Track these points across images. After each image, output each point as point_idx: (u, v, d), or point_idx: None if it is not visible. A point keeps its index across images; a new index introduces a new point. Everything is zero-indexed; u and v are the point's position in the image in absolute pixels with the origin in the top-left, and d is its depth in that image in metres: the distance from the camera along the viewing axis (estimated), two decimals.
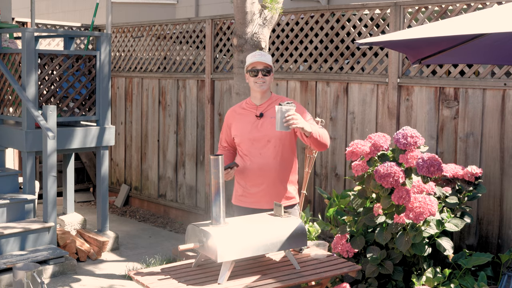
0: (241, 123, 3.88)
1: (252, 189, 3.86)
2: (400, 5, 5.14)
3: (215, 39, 6.78)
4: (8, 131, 6.06)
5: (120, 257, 6.07)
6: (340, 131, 5.63)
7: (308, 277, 3.29)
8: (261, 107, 3.86)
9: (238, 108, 3.97)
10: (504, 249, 4.63)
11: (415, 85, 5.11)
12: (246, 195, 3.90)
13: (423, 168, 3.81)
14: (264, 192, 3.83)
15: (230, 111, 4.00)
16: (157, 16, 10.97)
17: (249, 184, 3.87)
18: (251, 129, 3.83)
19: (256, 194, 3.85)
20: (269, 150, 3.80)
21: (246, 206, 3.90)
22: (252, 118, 3.86)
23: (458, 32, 3.04)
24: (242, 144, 3.87)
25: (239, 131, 3.88)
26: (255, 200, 3.86)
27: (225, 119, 4.01)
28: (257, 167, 3.82)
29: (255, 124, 3.83)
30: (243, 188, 3.91)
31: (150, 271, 3.30)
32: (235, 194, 4.00)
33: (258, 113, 3.84)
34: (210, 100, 6.83)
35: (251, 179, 3.85)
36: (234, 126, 3.92)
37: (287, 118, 3.44)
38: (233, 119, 3.94)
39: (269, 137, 3.79)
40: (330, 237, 5.51)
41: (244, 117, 3.88)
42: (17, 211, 5.68)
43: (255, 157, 3.82)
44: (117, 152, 8.32)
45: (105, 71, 6.33)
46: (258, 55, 3.83)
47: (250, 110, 3.89)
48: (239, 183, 3.95)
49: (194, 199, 7.19)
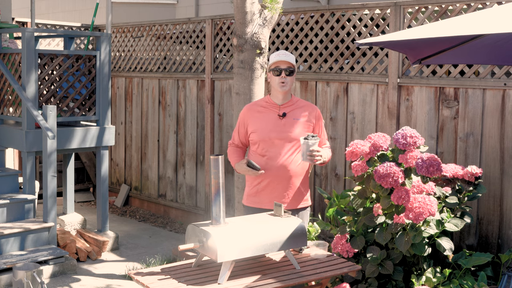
0: (262, 121, 3.84)
1: (267, 190, 3.83)
2: (400, 5, 5.14)
3: (215, 39, 6.78)
4: (8, 131, 6.06)
5: (120, 257, 6.07)
6: (340, 131, 5.63)
7: (308, 277, 3.29)
8: (283, 107, 3.85)
9: (255, 106, 3.92)
10: (504, 249, 4.64)
11: (415, 85, 5.11)
12: (260, 195, 3.86)
13: (422, 168, 3.81)
14: (279, 193, 3.82)
15: (247, 109, 3.94)
16: (157, 16, 10.97)
17: (264, 184, 3.83)
18: (273, 128, 3.80)
19: (271, 194, 3.82)
20: (289, 151, 3.79)
21: (259, 207, 3.85)
22: (273, 116, 3.83)
23: (458, 33, 3.04)
24: (262, 142, 3.81)
25: (259, 129, 3.83)
26: (269, 200, 3.82)
27: (241, 116, 3.94)
28: (276, 167, 3.79)
29: (277, 123, 3.81)
30: (257, 188, 3.86)
31: (150, 271, 3.30)
32: (247, 195, 3.94)
33: (281, 112, 3.82)
34: (210, 100, 6.83)
35: (268, 179, 3.81)
36: (252, 123, 3.86)
37: (312, 153, 3.64)
38: (251, 117, 3.88)
39: (290, 138, 3.79)
40: (330, 237, 5.51)
41: (265, 115, 3.84)
42: (17, 211, 5.68)
43: (274, 157, 3.79)
44: (117, 152, 8.32)
45: (105, 71, 6.34)
46: (283, 54, 3.81)
47: (271, 108, 3.86)
48: (252, 183, 3.89)
49: (194, 199, 7.19)
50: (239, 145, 3.98)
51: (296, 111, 3.85)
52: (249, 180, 3.94)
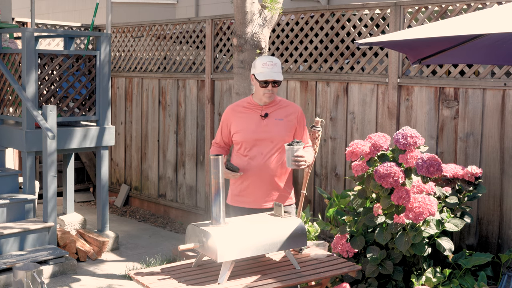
0: (244, 121, 3.85)
1: (250, 189, 3.84)
2: (400, 5, 5.14)
3: (215, 39, 6.78)
4: (8, 131, 6.06)
5: (120, 257, 6.07)
6: (340, 131, 5.63)
7: (308, 277, 3.29)
8: (265, 108, 3.85)
9: (238, 107, 3.93)
10: (504, 249, 4.64)
11: (415, 85, 5.11)
12: (243, 195, 3.87)
13: (422, 168, 3.81)
14: (262, 192, 3.82)
15: (230, 110, 3.95)
16: (157, 16, 10.97)
17: (247, 184, 3.85)
18: (256, 128, 3.82)
19: (254, 194, 3.83)
20: (271, 151, 3.80)
21: (243, 206, 3.86)
22: (256, 117, 3.84)
23: (458, 32, 3.04)
24: (245, 143, 3.84)
25: (242, 130, 3.84)
26: (253, 199, 3.84)
27: (224, 116, 3.96)
28: (258, 167, 3.81)
29: (260, 124, 3.82)
30: (240, 188, 3.88)
31: (150, 271, 3.30)
32: (231, 194, 3.95)
33: (263, 113, 3.83)
34: (210, 100, 6.83)
35: (251, 179, 3.83)
36: (235, 124, 3.88)
37: (296, 159, 3.65)
38: (234, 117, 3.90)
39: (272, 138, 3.80)
40: (330, 237, 5.51)
41: (247, 116, 3.86)
42: (17, 211, 5.68)
43: (256, 157, 3.81)
44: (117, 152, 8.32)
45: (105, 71, 6.34)
46: (270, 65, 3.76)
47: (253, 109, 3.86)
48: (235, 183, 3.91)
49: (194, 199, 7.19)
50: (221, 145, 4.00)
51: (278, 111, 3.85)
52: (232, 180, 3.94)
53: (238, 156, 3.88)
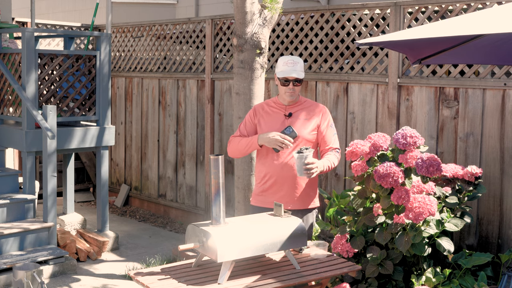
0: (270, 121, 3.92)
1: (273, 189, 3.89)
2: (400, 5, 5.14)
3: (215, 39, 6.78)
4: (8, 131, 6.06)
5: (120, 257, 6.07)
6: (340, 131, 5.63)
7: (308, 277, 3.29)
8: (289, 108, 3.91)
9: (267, 105, 4.00)
10: (504, 249, 4.64)
11: (415, 85, 5.11)
12: (266, 195, 3.92)
13: (422, 168, 3.81)
14: (284, 192, 3.86)
15: (261, 106, 4.01)
16: (157, 16, 10.97)
17: (270, 184, 3.89)
18: (279, 127, 3.88)
19: (276, 194, 3.88)
20: (294, 151, 3.82)
21: (264, 206, 3.91)
22: (280, 117, 3.91)
23: (458, 33, 3.04)
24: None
25: (266, 128, 3.90)
26: (275, 200, 3.85)
27: (254, 111, 4.00)
28: (280, 166, 3.86)
29: (284, 123, 3.89)
30: (263, 187, 3.93)
31: (150, 271, 3.31)
32: (254, 194, 4.01)
33: (287, 112, 3.89)
34: (210, 100, 6.83)
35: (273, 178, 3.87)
36: (261, 122, 3.94)
37: (307, 167, 3.64)
38: (262, 115, 3.96)
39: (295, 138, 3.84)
40: (330, 237, 5.51)
41: (273, 116, 3.92)
42: (17, 211, 5.68)
43: (279, 156, 3.86)
44: (117, 152, 8.32)
45: (105, 71, 6.34)
46: (291, 64, 3.82)
47: (278, 109, 3.93)
48: (259, 182, 3.97)
49: (194, 199, 7.19)
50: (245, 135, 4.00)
51: (302, 111, 3.93)
52: (256, 180, 4.00)
53: (261, 155, 3.93)
